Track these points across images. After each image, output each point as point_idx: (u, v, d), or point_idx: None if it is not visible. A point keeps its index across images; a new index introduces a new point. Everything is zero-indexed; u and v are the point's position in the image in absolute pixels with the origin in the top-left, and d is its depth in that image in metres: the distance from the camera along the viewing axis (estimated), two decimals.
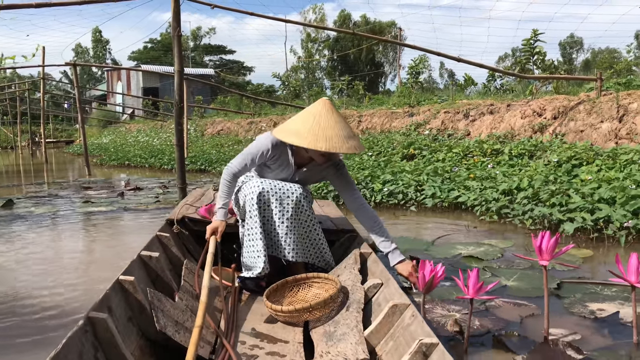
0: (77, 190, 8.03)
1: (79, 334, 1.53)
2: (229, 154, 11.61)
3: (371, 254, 2.70)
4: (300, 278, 2.49)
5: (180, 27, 5.01)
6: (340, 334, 2.01)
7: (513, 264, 3.29)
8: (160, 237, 2.73)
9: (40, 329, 2.49)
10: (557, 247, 2.18)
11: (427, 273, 2.20)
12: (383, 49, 40.80)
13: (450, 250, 3.68)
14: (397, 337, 1.86)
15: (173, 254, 2.73)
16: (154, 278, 2.33)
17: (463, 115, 8.77)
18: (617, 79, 8.28)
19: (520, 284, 2.91)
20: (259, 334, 2.13)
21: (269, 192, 2.58)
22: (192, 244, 3.05)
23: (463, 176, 5.86)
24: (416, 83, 12.74)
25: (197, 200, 3.57)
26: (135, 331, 1.88)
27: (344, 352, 1.87)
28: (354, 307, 2.16)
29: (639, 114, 5.91)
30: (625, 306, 2.50)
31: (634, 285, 2.13)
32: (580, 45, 44.00)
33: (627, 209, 3.81)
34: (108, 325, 1.60)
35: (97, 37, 49.13)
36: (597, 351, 2.06)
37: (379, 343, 1.92)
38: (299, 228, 2.62)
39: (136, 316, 1.92)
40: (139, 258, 2.30)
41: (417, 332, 1.75)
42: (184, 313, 2.06)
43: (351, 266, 2.54)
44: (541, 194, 4.54)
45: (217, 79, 34.07)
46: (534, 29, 9.51)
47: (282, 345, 2.03)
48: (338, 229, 3.13)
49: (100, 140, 21.58)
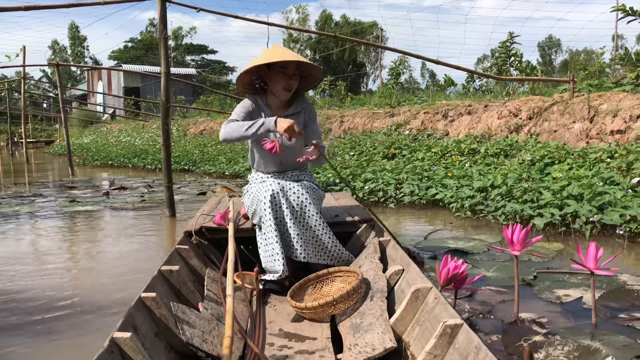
0: (61, 190, 8.08)
1: (105, 355, 1.52)
2: (213, 153, 11.71)
3: (390, 240, 2.72)
4: (322, 274, 2.51)
5: (167, 29, 5.13)
6: (366, 324, 2.02)
7: (494, 257, 3.50)
8: (179, 250, 2.70)
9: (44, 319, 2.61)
10: (527, 238, 2.37)
11: (451, 270, 2.23)
12: (365, 50, 41.09)
13: (441, 245, 3.87)
14: (423, 321, 1.87)
15: (194, 266, 2.72)
16: (177, 291, 2.32)
17: (442, 115, 9.00)
18: (590, 80, 8.57)
19: (499, 274, 3.12)
20: (286, 334, 2.15)
21: (279, 194, 2.61)
22: (213, 252, 3.02)
23: (441, 175, 6.07)
24: (397, 84, 12.96)
25: (214, 209, 3.54)
26: (163, 346, 1.89)
27: (372, 342, 1.87)
28: (377, 297, 2.17)
29: (609, 115, 6.17)
30: (588, 292, 2.71)
31: (593, 272, 2.33)
32: (558, 46, 44.83)
33: (593, 204, 4.04)
34: (133, 344, 1.59)
35: (74, 33, 48.32)
36: (561, 329, 2.27)
37: (406, 330, 1.93)
38: (307, 232, 2.64)
39: (162, 331, 1.92)
40: (160, 274, 2.28)
41: (441, 314, 1.76)
42: (210, 322, 2.07)
43: (371, 256, 2.56)
44: (514, 191, 4.77)
45: (199, 79, 34.02)
46: (510, 32, 9.79)
47: (310, 343, 2.05)
48: (355, 219, 3.10)
49: (81, 141, 21.43)
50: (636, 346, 2.09)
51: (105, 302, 2.84)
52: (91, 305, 2.79)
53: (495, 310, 2.54)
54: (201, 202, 6.45)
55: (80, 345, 2.32)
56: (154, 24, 49.06)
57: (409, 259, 2.34)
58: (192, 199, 6.70)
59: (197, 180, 9.18)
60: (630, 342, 2.12)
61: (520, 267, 3.06)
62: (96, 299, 2.90)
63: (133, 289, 2.84)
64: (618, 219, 3.77)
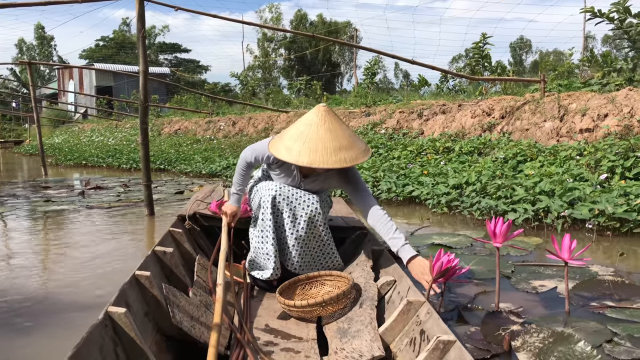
0: (35, 190, 7.96)
1: (99, 328, 1.53)
2: (189, 153, 11.67)
3: (383, 251, 2.71)
4: (313, 276, 2.51)
5: (145, 28, 5.13)
6: (354, 330, 2.00)
7: (475, 252, 3.61)
8: (172, 232, 2.71)
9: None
10: (509, 231, 2.47)
11: (444, 263, 2.24)
12: (339, 50, 41.21)
13: (426, 240, 3.95)
14: (413, 334, 1.85)
15: (185, 250, 2.73)
16: (168, 273, 2.33)
17: (417, 115, 9.14)
18: (559, 80, 8.81)
19: (479, 268, 3.22)
20: (272, 330, 2.14)
21: (283, 200, 2.51)
22: (204, 239, 3.04)
23: (417, 172, 6.19)
24: (372, 84, 13.09)
25: (208, 196, 3.54)
26: (152, 326, 1.89)
27: (359, 348, 1.85)
28: (367, 304, 2.15)
29: (578, 114, 6.38)
30: (562, 282, 2.82)
31: (567, 262, 2.44)
32: (529, 47, 45.70)
33: (564, 200, 4.19)
34: (127, 320, 1.60)
35: (40, 33, 47.37)
36: (536, 318, 2.38)
37: (394, 340, 1.92)
38: (310, 242, 2.57)
39: (152, 311, 1.93)
40: (154, 253, 2.28)
41: (433, 329, 1.75)
42: (199, 308, 2.07)
43: (363, 263, 2.55)
44: (488, 187, 4.90)
45: (173, 78, 33.71)
46: (483, 33, 9.99)
47: (296, 342, 2.04)
48: (349, 226, 3.09)
49: (52, 140, 21.06)
50: (606, 331, 2.21)
51: (89, 300, 2.85)
52: (68, 304, 2.80)
53: (476, 301, 2.64)
54: (179, 201, 6.45)
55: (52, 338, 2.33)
56: (127, 23, 48.46)
57: (402, 271, 2.33)
58: (170, 198, 6.68)
59: (174, 179, 9.15)
60: (600, 328, 2.24)
61: (500, 261, 3.18)
62: (78, 297, 2.91)
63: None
64: (587, 213, 3.92)
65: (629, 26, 6.75)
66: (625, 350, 2.04)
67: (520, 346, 2.11)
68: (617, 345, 2.09)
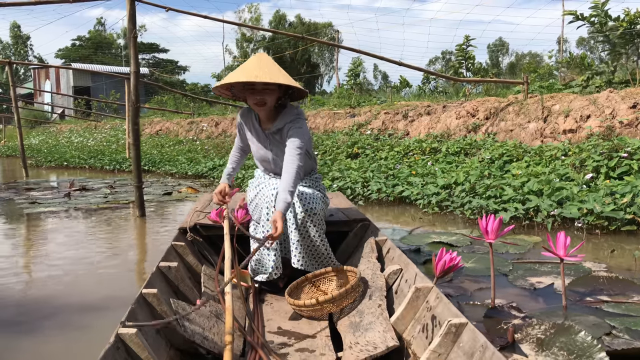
0: (18, 192, 7.84)
1: (112, 351, 1.51)
2: (172, 154, 11.62)
3: (386, 240, 2.71)
4: (320, 273, 2.52)
5: (136, 28, 5.11)
6: (366, 323, 2.01)
7: (474, 250, 3.68)
8: (175, 246, 2.72)
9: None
10: (500, 228, 2.55)
11: (447, 262, 2.27)
12: (319, 50, 41.29)
13: (425, 239, 4.02)
14: (424, 320, 1.85)
15: (189, 262, 2.74)
16: (175, 288, 2.34)
17: (402, 116, 9.24)
18: (540, 82, 9.00)
19: (477, 265, 3.31)
20: (285, 332, 2.14)
21: None
22: (207, 249, 3.04)
23: (405, 173, 6.28)
24: (356, 85, 13.17)
25: (207, 206, 3.54)
26: (164, 343, 1.87)
27: (373, 341, 1.85)
28: (376, 295, 2.16)
29: (561, 115, 6.53)
30: (559, 279, 2.92)
31: (562, 259, 2.52)
32: (506, 49, 46.41)
33: (552, 199, 4.31)
34: (138, 341, 1.58)
35: (16, 32, 46.56)
36: (536, 312, 2.46)
37: (406, 329, 1.92)
38: (306, 240, 2.59)
39: (163, 328, 1.90)
40: (158, 270, 2.27)
41: (444, 313, 1.75)
42: (209, 319, 2.06)
43: (368, 255, 2.56)
44: (477, 187, 5.01)
45: (151, 78, 33.42)
46: (466, 35, 10.14)
47: (310, 341, 2.05)
48: (350, 219, 3.09)
49: (29, 141, 20.68)
50: (604, 325, 2.29)
51: (87, 302, 2.85)
52: (73, 306, 2.80)
53: (473, 297, 2.71)
54: (169, 202, 6.44)
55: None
56: (102, 22, 47.88)
57: (407, 259, 2.34)
58: (158, 199, 6.66)
59: (160, 180, 9.09)
60: (599, 322, 2.32)
61: (498, 259, 3.29)
62: (74, 300, 2.91)
63: (126, 287, 2.85)
64: (577, 212, 4.03)
65: (609, 29, 6.94)
66: (624, 342, 2.13)
67: (523, 338, 2.18)
68: (616, 337, 2.18)
